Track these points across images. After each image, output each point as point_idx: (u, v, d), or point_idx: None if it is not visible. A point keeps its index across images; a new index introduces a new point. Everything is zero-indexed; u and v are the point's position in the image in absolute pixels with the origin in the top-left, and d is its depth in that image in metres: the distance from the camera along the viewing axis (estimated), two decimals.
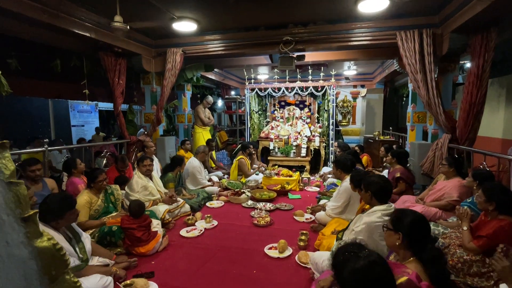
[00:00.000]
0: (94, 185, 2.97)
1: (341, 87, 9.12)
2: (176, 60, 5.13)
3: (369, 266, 1.12)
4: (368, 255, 1.16)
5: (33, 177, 3.01)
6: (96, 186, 2.98)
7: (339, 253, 1.25)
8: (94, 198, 2.97)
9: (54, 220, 2.07)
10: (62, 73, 4.99)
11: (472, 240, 2.18)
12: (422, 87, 4.09)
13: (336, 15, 4.32)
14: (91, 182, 2.98)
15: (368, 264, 1.12)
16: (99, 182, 2.96)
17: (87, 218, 2.87)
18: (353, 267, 1.14)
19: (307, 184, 5.36)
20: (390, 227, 1.63)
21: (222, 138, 8.79)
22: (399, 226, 1.58)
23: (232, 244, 3.00)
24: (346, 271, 1.15)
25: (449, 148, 4.04)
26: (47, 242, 1.16)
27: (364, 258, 1.15)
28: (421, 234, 1.56)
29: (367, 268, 1.12)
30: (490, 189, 2.23)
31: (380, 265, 1.14)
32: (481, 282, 2.09)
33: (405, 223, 1.57)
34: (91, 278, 2.01)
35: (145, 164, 3.56)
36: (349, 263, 1.16)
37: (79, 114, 9.30)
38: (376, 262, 1.14)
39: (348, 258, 1.18)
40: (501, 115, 5.85)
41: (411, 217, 1.59)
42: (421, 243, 1.54)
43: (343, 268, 1.17)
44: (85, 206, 2.87)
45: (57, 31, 3.76)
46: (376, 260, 1.15)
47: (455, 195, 3.13)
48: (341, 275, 1.19)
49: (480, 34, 3.57)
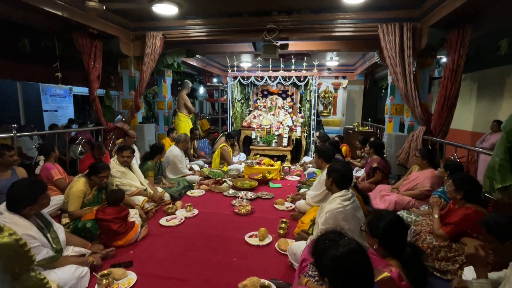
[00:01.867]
0: (94, 178, 2.84)
1: (323, 78, 9.19)
2: (156, 44, 4.94)
3: (348, 253, 1.15)
4: (348, 243, 1.19)
5: (11, 162, 2.88)
6: (96, 181, 2.85)
7: (319, 241, 1.28)
8: (89, 190, 2.85)
9: (26, 207, 1.95)
10: (31, 54, 4.67)
11: (441, 227, 2.31)
12: (400, 79, 4.20)
13: (320, 5, 4.31)
14: (92, 174, 2.84)
15: (348, 252, 1.16)
16: (101, 178, 2.84)
17: (78, 208, 2.75)
18: (333, 254, 1.16)
19: (288, 173, 5.44)
20: (366, 230, 1.62)
21: (204, 126, 8.68)
22: (375, 232, 1.56)
23: (213, 233, 3.01)
24: (326, 258, 1.18)
25: (423, 139, 4.21)
26: (8, 238, 1.08)
27: (344, 246, 1.18)
28: (397, 238, 1.54)
29: (347, 255, 1.15)
30: (459, 179, 2.36)
31: (359, 253, 1.17)
32: (447, 266, 2.23)
33: (379, 228, 1.54)
34: (66, 268, 1.96)
35: (124, 155, 3.45)
36: (329, 250, 1.18)
37: (52, 98, 8.80)
38: (356, 250, 1.17)
39: (329, 246, 1.21)
40: (472, 109, 6.16)
41: (385, 222, 1.54)
42: (398, 246, 1.54)
43: (323, 256, 1.20)
44: (80, 197, 2.75)
45: (25, 8, 3.48)
46: (356, 248, 1.18)
47: (427, 185, 3.29)
48: (321, 262, 1.22)
49: (457, 30, 3.69)
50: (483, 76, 5.74)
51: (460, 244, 2.25)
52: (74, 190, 2.74)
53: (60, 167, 3.58)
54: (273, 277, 2.19)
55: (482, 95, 5.85)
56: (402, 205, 3.36)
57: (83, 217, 2.69)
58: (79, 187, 2.77)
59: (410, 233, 2.56)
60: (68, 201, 2.74)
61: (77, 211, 2.72)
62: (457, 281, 1.95)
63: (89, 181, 2.86)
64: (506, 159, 1.71)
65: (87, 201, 2.84)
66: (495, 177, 1.78)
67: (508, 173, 1.73)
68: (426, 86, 4.62)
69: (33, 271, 1.16)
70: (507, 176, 1.73)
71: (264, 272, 2.27)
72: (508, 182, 1.73)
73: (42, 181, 2.23)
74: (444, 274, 2.23)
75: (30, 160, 4.93)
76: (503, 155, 1.71)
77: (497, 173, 1.76)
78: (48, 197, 2.10)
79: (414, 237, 2.47)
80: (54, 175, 3.36)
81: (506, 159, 1.71)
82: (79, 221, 2.66)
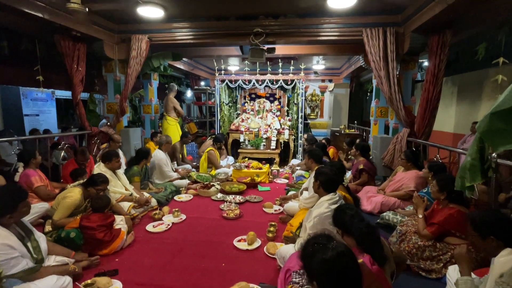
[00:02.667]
0: (90, 190, 2.75)
1: (310, 81, 9.30)
2: (142, 47, 4.87)
3: (337, 256, 1.16)
4: (336, 246, 1.19)
5: None
6: (92, 192, 2.76)
7: (308, 245, 1.27)
8: (83, 202, 2.76)
9: (5, 215, 1.86)
10: (11, 57, 4.52)
11: (426, 227, 2.36)
12: (385, 83, 4.30)
13: (306, 9, 4.36)
14: (90, 185, 2.75)
15: (336, 255, 1.16)
16: (98, 190, 2.76)
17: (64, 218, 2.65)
18: (322, 257, 1.16)
19: (277, 176, 5.45)
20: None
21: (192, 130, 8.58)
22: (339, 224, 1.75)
23: (201, 238, 2.97)
24: (314, 261, 1.18)
25: (407, 141, 4.31)
26: None
27: (333, 249, 1.18)
28: (348, 220, 1.67)
29: (335, 258, 1.15)
30: (442, 180, 2.43)
31: (347, 256, 1.18)
32: (432, 265, 2.28)
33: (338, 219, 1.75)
34: (47, 279, 1.88)
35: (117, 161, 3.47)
36: (318, 254, 1.18)
37: (33, 102, 8.50)
38: (344, 252, 1.18)
39: (317, 250, 1.20)
40: (453, 111, 6.36)
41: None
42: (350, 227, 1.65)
43: (312, 259, 1.20)
44: (71, 208, 2.65)
45: (3, 9, 3.36)
46: (344, 251, 1.18)
47: (412, 186, 3.37)
48: (309, 266, 1.21)
49: (437, 35, 3.82)
50: (463, 79, 5.95)
51: (444, 243, 2.31)
52: (69, 200, 2.64)
53: (42, 174, 3.46)
54: (262, 281, 2.18)
55: (463, 97, 6.05)
56: (388, 206, 3.42)
57: (67, 226, 2.59)
58: (76, 198, 2.67)
59: (396, 233, 2.61)
60: (58, 210, 2.64)
61: (62, 220, 2.63)
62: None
63: (85, 192, 2.77)
64: (477, 159, 1.77)
65: (77, 212, 2.74)
66: (466, 175, 1.84)
67: (478, 172, 1.79)
68: (409, 89, 4.74)
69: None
70: (477, 175, 1.79)
71: (253, 277, 2.26)
72: (477, 180, 1.79)
73: (23, 188, 2.14)
74: (429, 273, 2.28)
75: (9, 167, 4.74)
76: (474, 155, 1.77)
77: (467, 172, 1.82)
78: (28, 205, 2.02)
79: (399, 238, 2.52)
80: (34, 182, 3.24)
81: (477, 159, 1.77)
82: (63, 230, 2.55)
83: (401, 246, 2.43)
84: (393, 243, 2.57)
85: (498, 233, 1.55)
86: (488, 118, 1.64)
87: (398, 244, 2.47)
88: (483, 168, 1.80)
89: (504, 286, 1.32)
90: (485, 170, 1.82)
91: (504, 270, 1.37)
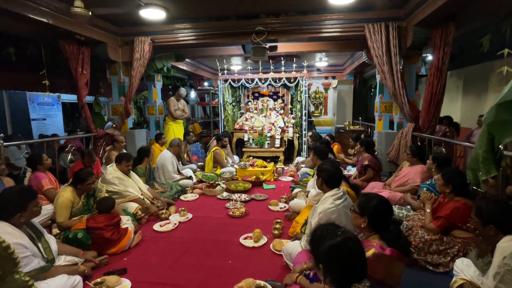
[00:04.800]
0: (81, 187, 2.80)
1: (313, 79, 9.27)
2: (145, 49, 4.92)
3: (344, 241, 1.22)
4: (344, 232, 1.27)
5: None
6: (84, 188, 2.81)
7: (317, 231, 1.34)
8: (77, 199, 2.80)
9: (16, 214, 1.90)
10: (18, 62, 4.60)
11: (432, 221, 2.35)
12: (388, 78, 4.28)
13: (308, 6, 4.35)
14: (78, 183, 2.79)
15: (344, 240, 1.22)
16: (88, 185, 2.81)
17: (67, 219, 2.70)
18: (330, 242, 1.23)
19: (282, 174, 5.45)
20: (357, 211, 1.74)
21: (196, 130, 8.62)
22: (365, 211, 1.70)
23: (207, 236, 2.99)
24: (323, 246, 1.24)
25: (412, 136, 4.28)
26: None
27: (340, 235, 1.25)
28: (384, 217, 1.69)
29: (342, 243, 1.22)
30: (448, 173, 2.41)
31: (354, 242, 1.24)
32: (439, 259, 2.27)
33: (369, 207, 1.68)
34: (57, 279, 1.92)
35: (129, 164, 3.51)
36: (326, 239, 1.25)
37: (40, 107, 8.64)
38: (350, 238, 1.25)
39: (326, 235, 1.27)
40: (459, 105, 6.29)
41: (375, 202, 1.70)
42: (384, 225, 1.68)
43: (320, 244, 1.26)
44: (68, 206, 2.70)
45: (9, 16, 3.43)
46: (351, 237, 1.25)
47: (418, 181, 3.34)
48: (317, 250, 1.27)
49: (440, 28, 3.78)
50: (468, 72, 5.88)
51: (451, 237, 2.29)
52: (61, 200, 2.68)
53: (52, 176, 3.51)
54: (268, 277, 2.19)
55: (468, 91, 5.99)
56: (394, 201, 3.40)
57: (73, 227, 2.64)
58: (66, 197, 2.71)
59: (403, 228, 2.60)
60: (56, 212, 2.69)
61: (66, 221, 2.68)
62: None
63: (76, 190, 2.81)
64: (489, 151, 1.76)
65: (77, 210, 2.79)
66: (480, 169, 1.82)
67: (492, 164, 1.78)
68: (413, 84, 4.71)
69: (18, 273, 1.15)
70: (491, 168, 1.78)
71: (260, 273, 2.27)
72: (492, 173, 1.78)
73: (32, 187, 2.19)
74: (436, 267, 2.27)
75: (18, 170, 4.84)
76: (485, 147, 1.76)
77: (481, 165, 1.81)
78: (39, 205, 2.06)
79: (406, 232, 2.51)
80: (44, 185, 3.29)
81: (488, 150, 1.76)
82: (70, 232, 2.60)
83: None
84: None
85: (499, 223, 1.63)
86: (494, 109, 1.64)
87: None
88: (495, 160, 1.79)
89: (506, 267, 1.45)
90: (498, 161, 1.81)
91: (506, 253, 1.47)
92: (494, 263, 1.53)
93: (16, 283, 1.13)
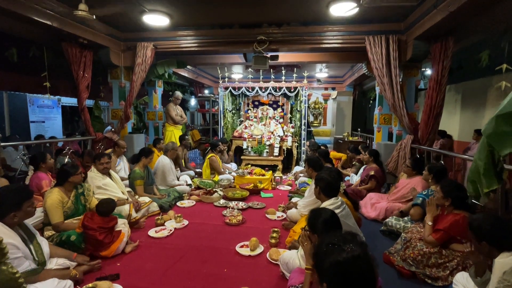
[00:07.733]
0: (66, 184, 2.75)
1: (313, 89, 9.35)
2: (147, 54, 4.95)
3: (352, 260, 1.08)
4: (352, 249, 1.11)
5: None
6: (72, 182, 2.75)
7: (322, 244, 1.20)
8: (66, 198, 2.74)
9: (10, 213, 1.87)
10: (19, 64, 4.61)
11: (431, 234, 2.33)
12: (388, 90, 4.31)
13: (309, 17, 4.42)
14: (63, 182, 2.74)
15: (351, 258, 1.08)
16: (75, 176, 2.75)
17: (63, 219, 2.65)
18: (335, 259, 1.09)
19: (280, 183, 5.42)
20: (308, 229, 1.83)
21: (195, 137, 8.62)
22: (315, 228, 1.77)
23: (203, 244, 2.95)
24: (327, 262, 1.11)
25: (411, 148, 4.29)
26: None
27: (348, 252, 1.10)
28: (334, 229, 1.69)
29: (350, 262, 1.08)
30: (447, 186, 2.40)
31: (363, 259, 1.10)
32: (438, 272, 2.23)
33: (318, 224, 1.76)
34: (48, 282, 1.87)
35: (102, 161, 3.34)
36: (332, 255, 1.12)
37: (39, 109, 8.62)
38: (360, 257, 1.09)
39: (331, 250, 1.14)
40: (457, 119, 6.34)
41: (323, 218, 1.76)
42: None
43: (325, 259, 1.13)
44: (59, 206, 2.64)
45: (13, 17, 3.45)
46: (360, 255, 1.10)
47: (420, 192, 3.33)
48: (321, 266, 1.15)
49: (440, 42, 3.84)
50: (467, 87, 5.94)
51: (450, 250, 2.26)
52: (50, 202, 2.62)
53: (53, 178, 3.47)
54: (264, 287, 2.15)
55: (466, 105, 6.03)
56: (392, 212, 3.39)
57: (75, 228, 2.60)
58: (54, 198, 2.64)
59: (401, 240, 2.57)
60: (49, 215, 2.63)
61: (66, 223, 2.63)
62: None
63: (63, 189, 2.74)
64: (489, 163, 1.75)
65: (68, 209, 2.73)
66: (481, 181, 1.81)
67: (493, 176, 1.76)
68: (412, 96, 4.74)
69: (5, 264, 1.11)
70: (493, 180, 1.77)
71: (256, 283, 2.23)
72: (494, 186, 1.77)
73: (28, 187, 2.16)
74: (435, 280, 2.23)
75: (14, 172, 4.79)
76: (485, 159, 1.75)
77: (482, 178, 1.79)
78: (33, 205, 2.03)
79: (404, 244, 2.48)
80: (44, 186, 3.24)
81: (489, 162, 1.75)
82: (63, 234, 2.56)
83: (406, 253, 2.38)
84: (398, 250, 2.53)
85: (491, 239, 1.60)
86: (493, 121, 1.64)
87: (403, 251, 2.43)
88: (496, 172, 1.77)
89: (505, 283, 1.42)
90: (499, 173, 1.79)
91: (505, 268, 1.44)
92: (493, 280, 1.50)
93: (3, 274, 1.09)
